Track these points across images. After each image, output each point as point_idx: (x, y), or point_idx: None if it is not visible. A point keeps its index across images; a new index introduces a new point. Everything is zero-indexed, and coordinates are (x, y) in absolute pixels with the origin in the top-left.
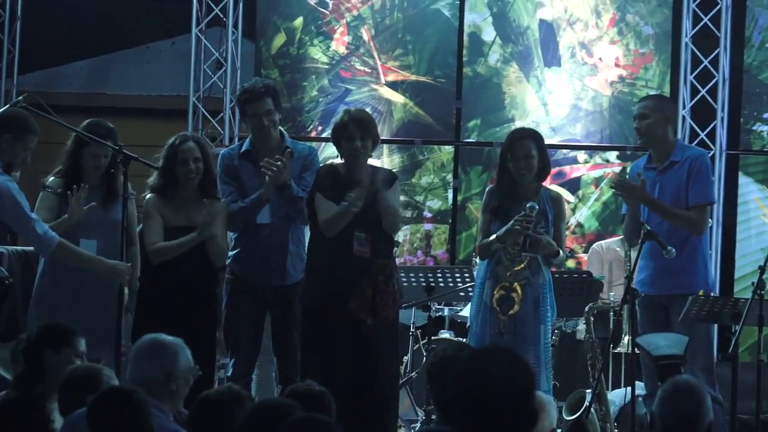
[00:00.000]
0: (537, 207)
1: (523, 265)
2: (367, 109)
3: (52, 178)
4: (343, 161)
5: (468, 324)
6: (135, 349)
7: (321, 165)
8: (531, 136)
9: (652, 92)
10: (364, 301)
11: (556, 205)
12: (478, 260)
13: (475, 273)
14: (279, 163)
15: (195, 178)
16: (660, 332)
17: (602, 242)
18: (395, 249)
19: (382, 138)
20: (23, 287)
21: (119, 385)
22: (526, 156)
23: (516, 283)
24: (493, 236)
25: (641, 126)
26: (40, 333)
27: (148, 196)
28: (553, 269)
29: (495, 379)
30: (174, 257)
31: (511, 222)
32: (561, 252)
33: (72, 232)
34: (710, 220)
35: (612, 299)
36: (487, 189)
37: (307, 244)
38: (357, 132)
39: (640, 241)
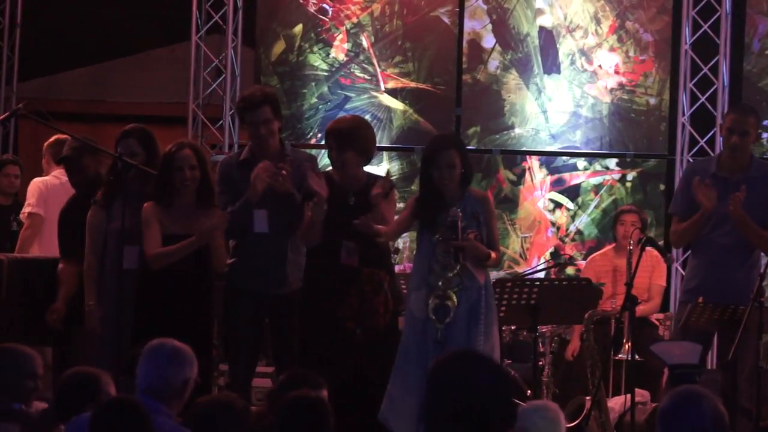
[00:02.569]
0: (460, 213)
1: (455, 272)
2: (367, 116)
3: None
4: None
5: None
6: (153, 353)
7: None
8: (454, 144)
9: (652, 100)
10: (351, 310)
11: (484, 205)
12: None
13: None
14: (284, 172)
15: (191, 186)
16: (703, 341)
17: (597, 253)
18: (395, 256)
19: (381, 145)
20: (23, 294)
21: (122, 395)
22: (449, 165)
23: (450, 291)
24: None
25: (742, 143)
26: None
27: (146, 203)
28: (553, 276)
29: (474, 385)
30: (171, 264)
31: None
32: (492, 254)
33: (119, 240)
34: None
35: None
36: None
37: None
38: (333, 143)
39: (640, 246)
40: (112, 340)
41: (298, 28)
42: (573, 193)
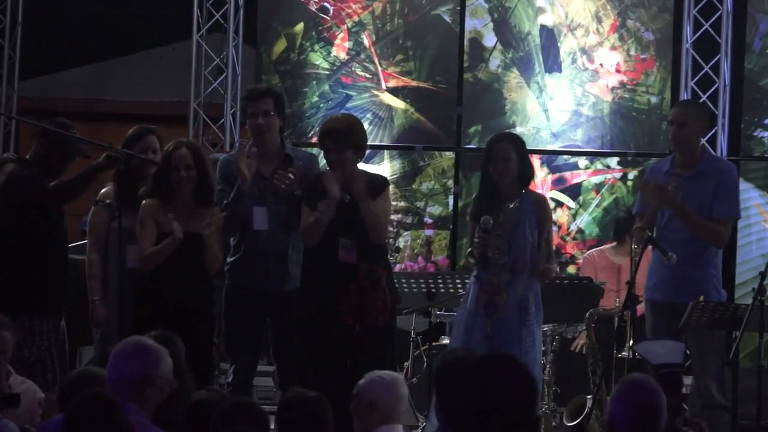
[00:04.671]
0: (491, 221)
1: (506, 268)
2: (368, 115)
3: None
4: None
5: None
6: (117, 348)
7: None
8: (509, 139)
9: (654, 98)
10: (351, 307)
11: (540, 208)
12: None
13: None
14: (291, 176)
15: (187, 185)
16: (671, 339)
17: (594, 250)
18: (396, 255)
19: (383, 144)
20: None
21: (97, 390)
22: (504, 159)
23: (500, 287)
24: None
25: (679, 134)
26: None
27: (144, 201)
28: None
29: (500, 391)
30: (169, 265)
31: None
32: (549, 266)
33: (122, 239)
34: None
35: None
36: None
37: None
38: (331, 144)
39: (641, 246)
40: (113, 339)
41: (299, 27)
42: (574, 191)
